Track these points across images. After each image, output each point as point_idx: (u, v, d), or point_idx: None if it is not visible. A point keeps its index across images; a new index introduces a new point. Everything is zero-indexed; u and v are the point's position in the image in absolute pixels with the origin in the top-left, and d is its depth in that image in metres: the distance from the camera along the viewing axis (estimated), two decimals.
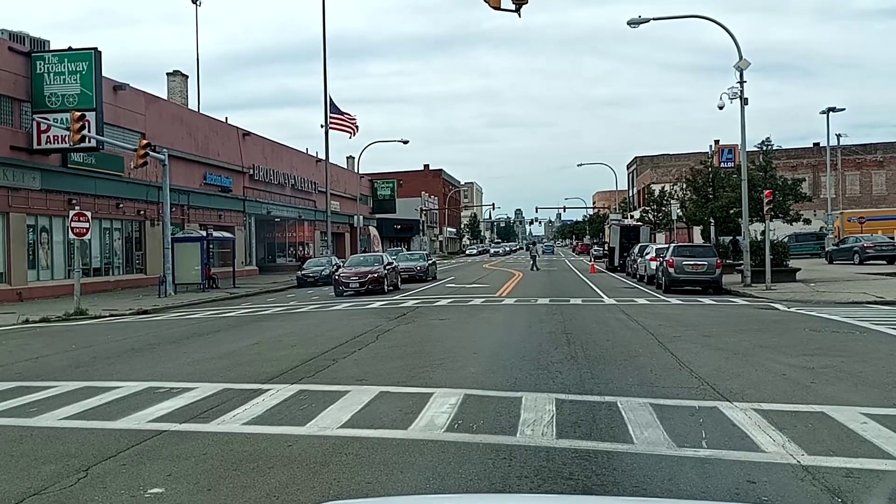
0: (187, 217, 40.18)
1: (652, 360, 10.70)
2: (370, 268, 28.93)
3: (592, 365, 10.30)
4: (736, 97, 26.97)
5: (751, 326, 15.10)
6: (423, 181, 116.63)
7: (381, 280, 28.12)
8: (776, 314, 18.16)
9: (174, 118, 39.83)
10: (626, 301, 22.27)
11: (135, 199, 35.18)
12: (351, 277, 28.09)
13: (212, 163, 42.94)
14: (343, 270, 29.42)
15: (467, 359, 10.95)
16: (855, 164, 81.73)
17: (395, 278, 30.90)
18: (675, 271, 25.64)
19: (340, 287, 27.96)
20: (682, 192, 42.42)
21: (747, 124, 26.68)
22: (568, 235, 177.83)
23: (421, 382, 9.06)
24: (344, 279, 28.18)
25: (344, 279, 28.18)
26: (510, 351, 11.63)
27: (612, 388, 8.64)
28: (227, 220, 44.92)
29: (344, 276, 28.40)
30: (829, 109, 52.02)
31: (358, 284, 27.66)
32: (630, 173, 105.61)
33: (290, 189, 54.90)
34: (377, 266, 29.33)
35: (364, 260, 31.69)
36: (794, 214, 30.11)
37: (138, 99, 36.15)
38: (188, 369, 10.74)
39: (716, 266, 25.57)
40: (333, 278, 29.24)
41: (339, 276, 28.67)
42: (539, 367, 10.11)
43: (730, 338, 13.13)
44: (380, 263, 29.92)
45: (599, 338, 13.22)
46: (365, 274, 28.12)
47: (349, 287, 27.76)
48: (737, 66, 27.04)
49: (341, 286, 27.93)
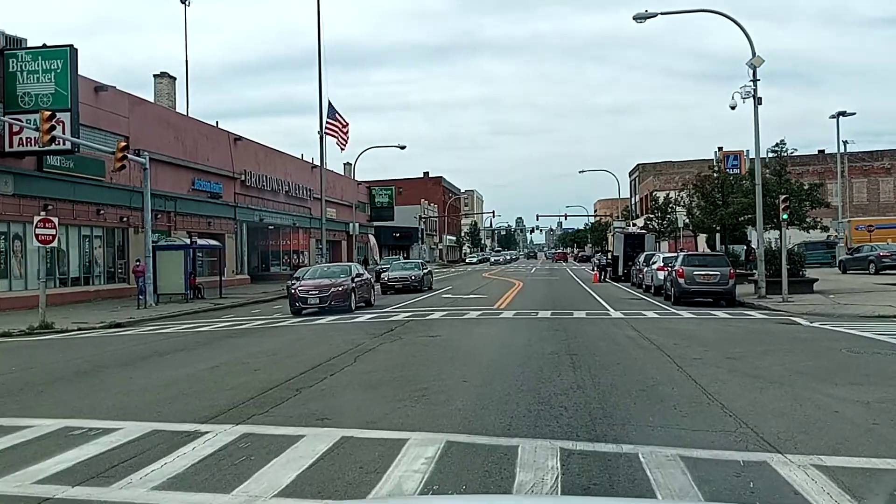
0: (174, 224, 38.55)
1: (673, 391, 9.04)
2: (334, 280, 24.05)
3: (603, 397, 8.64)
4: (749, 96, 25.39)
5: (778, 346, 13.43)
6: (423, 189, 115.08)
7: (346, 295, 23.48)
8: (801, 330, 16.50)
9: (160, 121, 38.25)
10: (634, 314, 20.62)
11: (117, 205, 33.52)
12: (309, 291, 23.29)
13: (201, 168, 41.33)
14: (301, 283, 24.37)
15: (455, 388, 9.29)
16: (862, 172, 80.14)
17: (366, 292, 26.14)
18: (686, 282, 23.98)
19: (297, 303, 23.14)
20: (689, 199, 40.81)
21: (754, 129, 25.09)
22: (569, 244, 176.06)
23: (395, 423, 7.40)
24: (301, 294, 23.27)
25: (301, 294, 23.27)
26: (506, 378, 9.97)
27: (629, 433, 6.99)
28: (216, 227, 43.29)
29: (301, 291, 23.42)
30: (840, 113, 50.36)
31: (318, 300, 22.96)
32: (632, 180, 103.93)
33: (283, 196, 53.27)
34: (343, 278, 24.41)
35: (328, 270, 26.34)
36: (811, 222, 28.43)
37: (121, 101, 34.58)
38: (123, 401, 9.09)
39: (729, 276, 23.91)
40: (289, 292, 24.39)
41: (295, 290, 23.72)
42: (540, 401, 8.46)
43: (758, 360, 11.47)
44: (346, 275, 24.89)
45: (609, 360, 11.56)
46: (326, 287, 23.37)
47: (307, 304, 23.02)
48: (750, 63, 25.46)
49: (298, 302, 23.14)
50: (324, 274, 25.59)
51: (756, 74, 25.45)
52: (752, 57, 25.59)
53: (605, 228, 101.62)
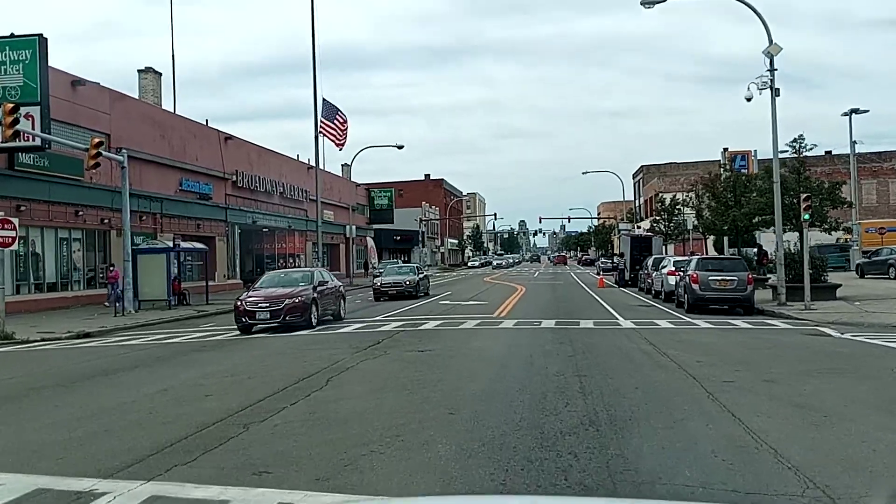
0: (160, 226, 36.89)
1: (708, 429, 7.29)
2: (290, 290, 19.82)
3: (623, 438, 6.90)
4: (766, 87, 23.64)
5: (818, 364, 11.67)
6: (424, 191, 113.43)
7: (304, 307, 19.25)
8: (836, 344, 14.75)
9: (145, 118, 36.59)
10: (646, 324, 18.85)
11: (97, 207, 31.82)
12: (258, 304, 19.01)
13: (189, 168, 39.67)
14: (250, 294, 20.17)
15: (439, 424, 7.54)
16: (871, 173, 78.36)
17: (334, 303, 21.95)
18: (701, 288, 22.22)
19: (244, 319, 18.96)
20: (698, 200, 39.02)
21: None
22: (572, 247, 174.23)
23: (353, 481, 5.66)
24: (248, 307, 19.01)
25: (248, 307, 19.01)
26: (502, 408, 8.22)
27: (659, 493, 5.27)
28: (206, 229, 41.61)
29: (249, 303, 19.13)
30: (852, 111, 48.45)
31: (268, 315, 18.83)
32: (636, 182, 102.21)
33: (278, 197, 51.60)
34: (302, 287, 20.13)
35: (284, 277, 21.90)
36: (832, 223, 26.64)
37: (102, 96, 32.94)
38: (27, 440, 7.36)
39: (747, 282, 22.15)
40: (235, 305, 19.92)
41: (241, 303, 19.39)
42: (543, 443, 6.72)
43: (801, 384, 9.71)
44: (307, 283, 20.52)
45: (624, 383, 9.80)
46: (279, 299, 19.10)
47: (255, 318, 18.93)
48: (766, 51, 23.70)
49: (244, 318, 18.94)
50: (280, 282, 21.19)
51: (773, 63, 23.70)
52: (769, 45, 23.84)
53: (608, 231, 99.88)
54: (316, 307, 20.04)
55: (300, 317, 19.24)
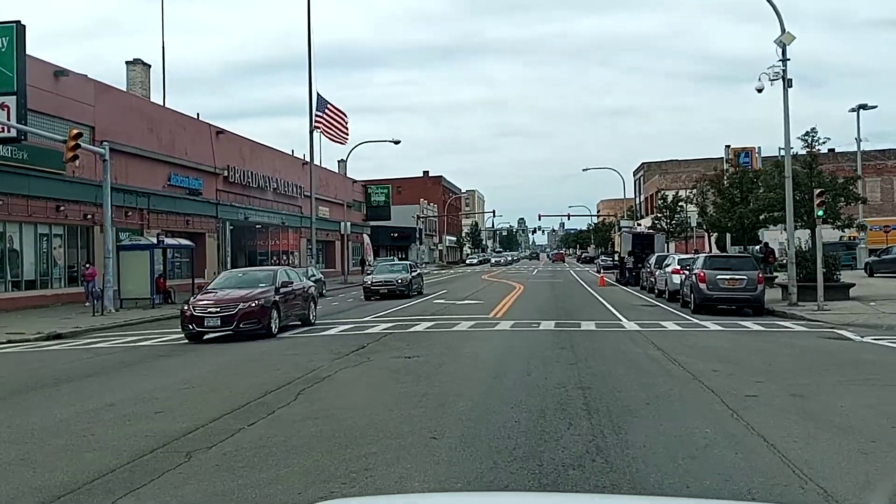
0: (147, 222, 35.63)
1: (738, 459, 6.11)
2: (245, 292, 17.00)
3: (637, 472, 5.72)
4: (778, 78, 22.46)
5: (847, 374, 10.50)
6: (423, 188, 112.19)
7: (262, 312, 16.56)
8: (858, 349, 13.62)
9: (132, 111, 35.34)
10: (651, 326, 17.68)
11: (80, 202, 30.59)
12: (208, 309, 16.36)
13: (178, 162, 38.42)
14: (199, 297, 17.61)
15: (418, 454, 6.36)
16: (875, 170, 77.28)
17: (302, 307, 19.14)
18: (708, 287, 21.03)
19: (191, 326, 16.34)
20: (702, 197, 37.87)
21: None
22: (572, 245, 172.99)
23: None
24: (197, 312, 16.38)
25: (197, 312, 16.38)
26: (494, 432, 7.03)
27: None
28: (196, 225, 40.39)
29: (198, 308, 16.52)
30: (860, 107, 47.35)
31: (219, 321, 16.14)
32: (637, 180, 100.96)
33: (272, 193, 50.36)
34: (261, 289, 17.29)
35: (244, 278, 18.81)
36: (845, 219, 25.45)
37: (86, 87, 31.70)
38: None
39: (757, 281, 20.98)
40: (181, 310, 17.33)
41: (188, 307, 16.74)
42: (541, 479, 5.54)
43: (835, 398, 8.55)
44: (268, 284, 17.70)
45: (634, 398, 8.63)
46: (232, 303, 16.41)
47: (204, 326, 16.26)
48: (778, 40, 22.53)
49: (192, 324, 16.32)
50: (237, 283, 18.32)
51: (786, 53, 22.53)
52: (781, 34, 22.66)
53: (608, 229, 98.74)
54: (277, 312, 17.22)
55: (257, 324, 16.49)
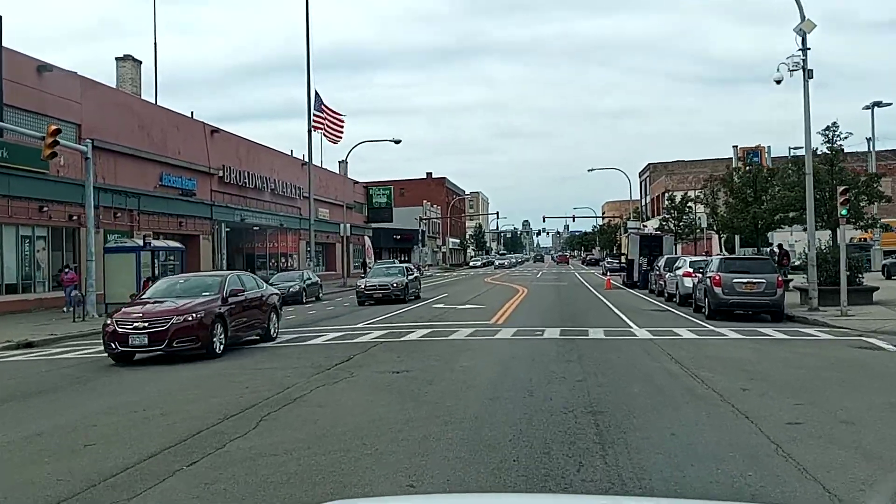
0: (137, 224, 34.39)
1: None
2: (182, 303, 14.07)
3: None
4: (798, 68, 21.11)
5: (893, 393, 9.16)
6: (426, 190, 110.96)
7: (201, 328, 13.57)
8: None
9: (121, 108, 34.12)
10: (664, 334, 16.33)
11: (65, 202, 29.32)
12: (135, 324, 13.38)
13: (170, 162, 37.19)
14: (127, 309, 14.31)
15: None
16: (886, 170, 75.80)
17: (259, 320, 16.07)
18: (724, 291, 19.68)
19: (113, 344, 13.43)
20: (713, 197, 36.48)
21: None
22: (576, 247, 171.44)
23: None
24: (121, 327, 13.40)
25: (121, 327, 13.40)
26: (486, 477, 5.70)
27: None
28: (189, 227, 39.17)
29: (122, 322, 13.49)
30: (875, 104, 45.95)
31: (146, 339, 13.25)
32: (642, 181, 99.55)
33: (269, 194, 49.09)
34: (202, 300, 14.27)
35: (185, 285, 15.53)
36: (869, 219, 24.07)
37: (72, 84, 30.50)
38: None
39: (776, 285, 19.62)
40: (103, 325, 14.29)
41: (111, 323, 13.70)
42: None
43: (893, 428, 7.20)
44: (212, 293, 14.64)
45: (656, 427, 7.29)
46: (164, 317, 13.50)
47: (129, 344, 13.31)
48: (798, 28, 21.18)
49: (115, 343, 13.40)
50: (176, 291, 15.13)
51: (806, 42, 21.19)
52: (801, 21, 21.31)
53: (614, 231, 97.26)
54: (223, 327, 14.09)
55: (194, 341, 13.45)
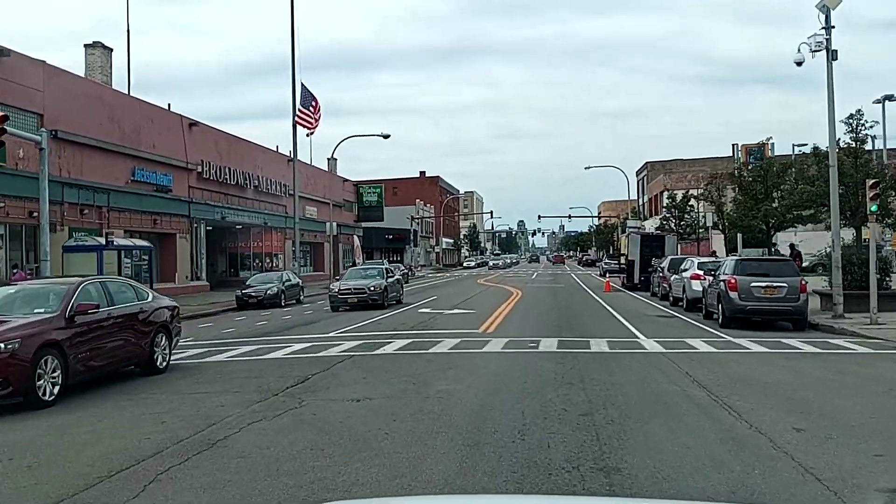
0: (107, 221, 32.26)
1: None
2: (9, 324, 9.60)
3: None
4: (820, 48, 19.13)
5: None
6: (419, 189, 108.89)
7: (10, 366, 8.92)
8: None
9: (89, 98, 31.98)
10: (676, 345, 14.29)
11: (24, 197, 27.12)
12: None
13: (143, 156, 35.05)
14: None
15: None
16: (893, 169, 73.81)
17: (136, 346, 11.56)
18: (740, 297, 17.66)
19: None
20: (719, 194, 34.51)
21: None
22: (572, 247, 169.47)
23: None
24: None
25: None
26: None
27: None
28: (165, 225, 37.08)
29: None
30: (886, 98, 43.83)
31: None
32: (640, 180, 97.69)
33: (252, 191, 46.96)
34: (26, 320, 9.88)
35: (24, 297, 11.05)
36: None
37: (33, 70, 28.39)
38: None
39: (799, 290, 17.60)
40: None
41: None
42: None
43: None
44: (48, 310, 10.35)
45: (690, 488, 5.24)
46: None
47: None
48: (821, 5, 19.19)
49: None
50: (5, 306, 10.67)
51: (829, 20, 19.20)
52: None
53: (611, 231, 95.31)
54: (61, 360, 9.68)
55: (3, 386, 8.93)
